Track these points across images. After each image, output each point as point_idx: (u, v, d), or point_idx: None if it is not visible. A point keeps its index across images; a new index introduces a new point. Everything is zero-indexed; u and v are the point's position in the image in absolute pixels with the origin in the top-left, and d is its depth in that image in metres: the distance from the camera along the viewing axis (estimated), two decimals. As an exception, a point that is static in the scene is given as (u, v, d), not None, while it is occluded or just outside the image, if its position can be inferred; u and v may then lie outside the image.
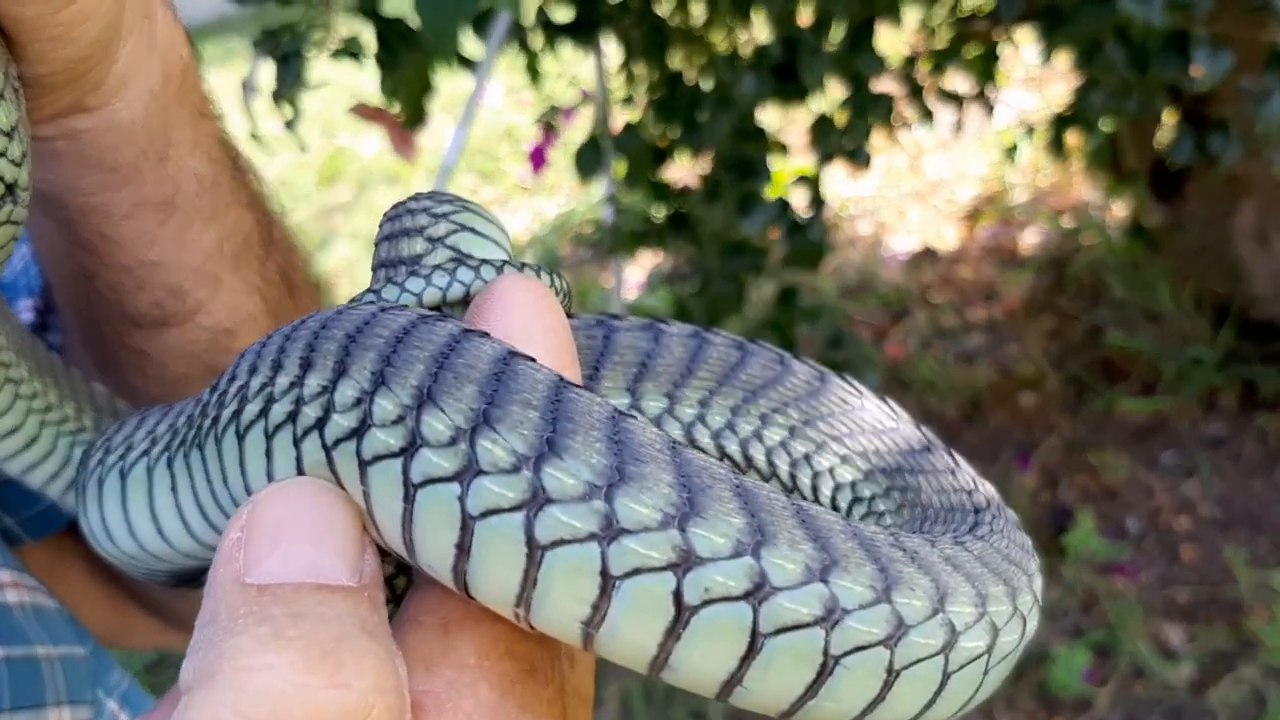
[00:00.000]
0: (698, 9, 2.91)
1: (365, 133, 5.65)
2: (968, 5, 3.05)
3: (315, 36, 1.96)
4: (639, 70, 3.00)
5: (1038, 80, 5.05)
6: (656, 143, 2.83)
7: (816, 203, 2.77)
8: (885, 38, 2.81)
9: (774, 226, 2.65)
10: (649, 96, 2.92)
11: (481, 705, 0.33)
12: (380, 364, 0.33)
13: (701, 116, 2.66)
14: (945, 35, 3.08)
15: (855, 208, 4.72)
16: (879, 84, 2.79)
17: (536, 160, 3.05)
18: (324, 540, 0.32)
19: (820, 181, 2.80)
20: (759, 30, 2.84)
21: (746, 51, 2.77)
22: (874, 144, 2.86)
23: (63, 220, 0.59)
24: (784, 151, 2.90)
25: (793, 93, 2.60)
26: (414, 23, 1.94)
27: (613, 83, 3.12)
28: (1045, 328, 3.78)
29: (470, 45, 2.42)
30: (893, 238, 4.52)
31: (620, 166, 2.91)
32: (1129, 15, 2.16)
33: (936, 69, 3.06)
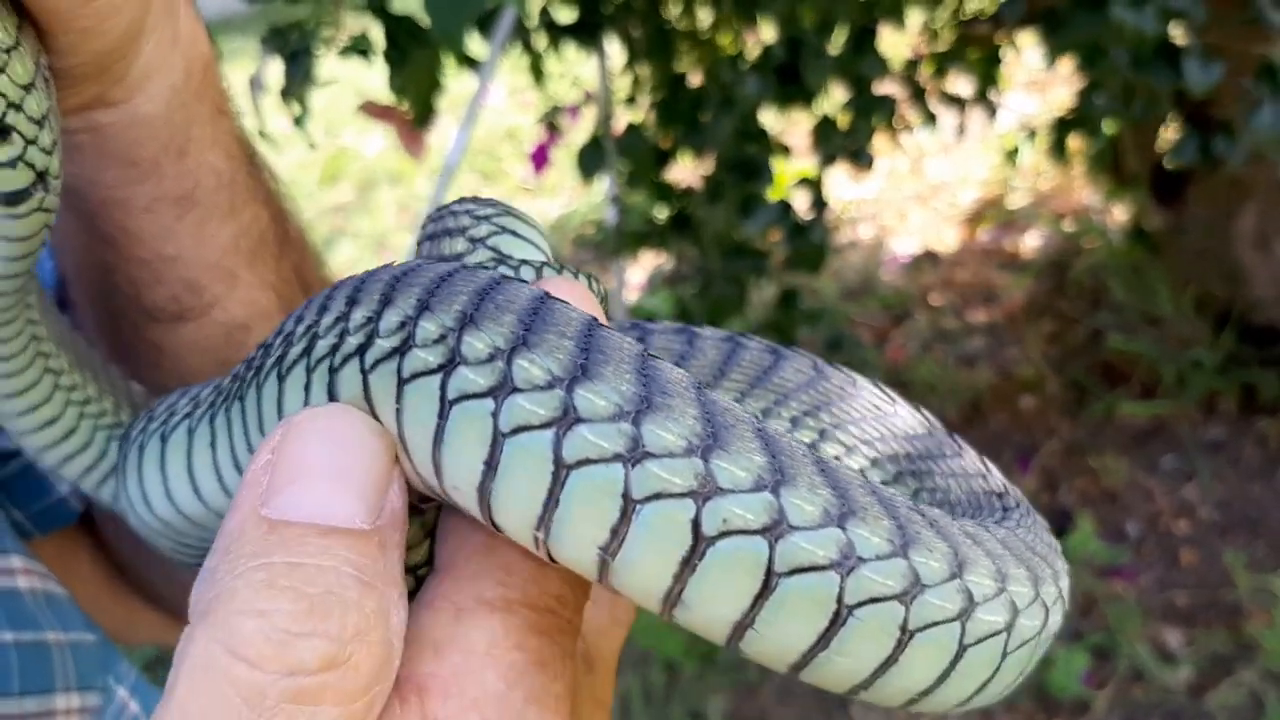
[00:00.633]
0: (702, 11, 2.92)
1: (368, 132, 5.66)
2: (970, 8, 3.05)
3: (324, 34, 1.97)
4: (642, 71, 3.01)
5: (1040, 83, 5.06)
6: (659, 144, 2.84)
7: (818, 205, 2.77)
8: (888, 40, 2.81)
9: (775, 228, 2.65)
10: (652, 97, 2.93)
11: (487, 693, 0.33)
12: (425, 295, 0.34)
13: (704, 118, 2.67)
14: (948, 38, 3.09)
15: (856, 210, 4.72)
16: (881, 86, 2.80)
17: (539, 160, 3.06)
18: (345, 477, 0.33)
19: (822, 183, 2.80)
20: (763, 32, 2.85)
21: (750, 53, 2.77)
22: (876, 147, 2.87)
23: (83, 213, 0.59)
24: (786, 153, 2.90)
25: (796, 95, 2.61)
26: (423, 20, 1.95)
27: (616, 83, 3.13)
28: (1045, 331, 3.79)
29: (474, 45, 2.42)
30: (894, 240, 4.53)
31: (624, 167, 2.92)
32: (1122, 22, 2.17)
33: (939, 72, 3.07)
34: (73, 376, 0.55)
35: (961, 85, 3.15)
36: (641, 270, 4.05)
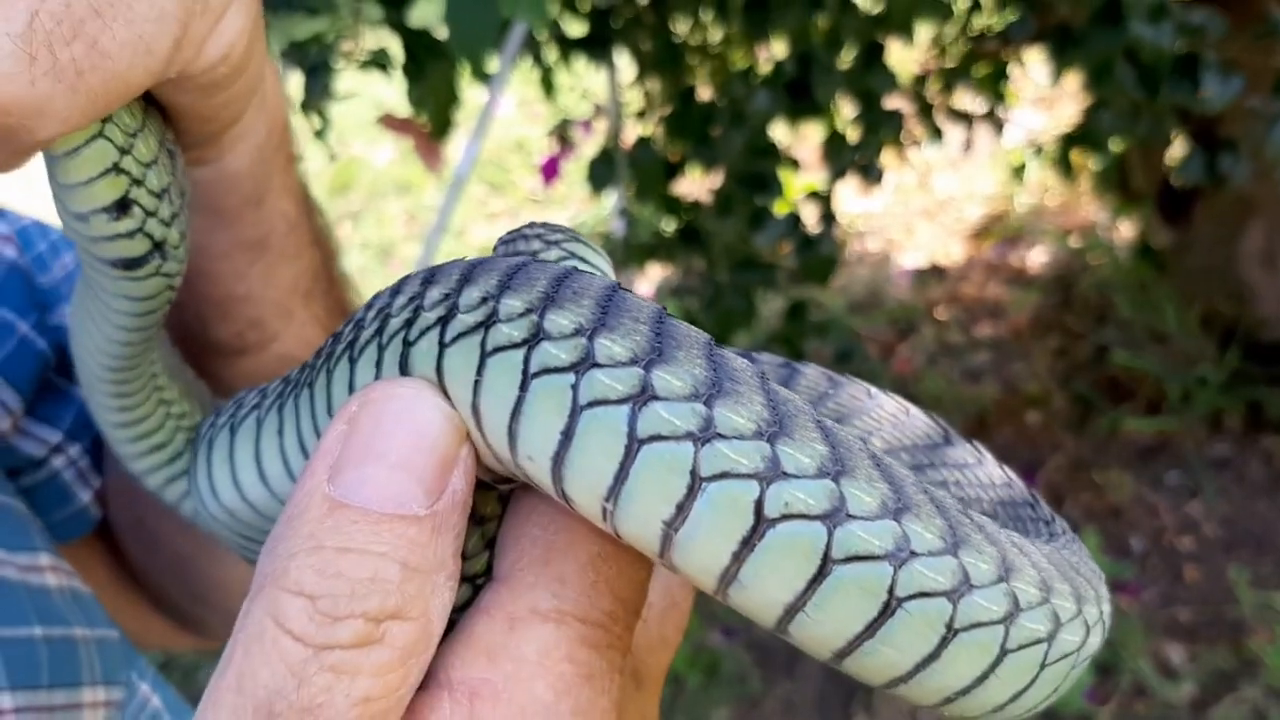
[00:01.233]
0: (712, 26, 2.94)
1: (377, 143, 5.68)
2: (978, 24, 3.07)
3: (343, 48, 1.99)
4: (652, 85, 3.02)
5: (1047, 100, 5.07)
6: (669, 157, 2.86)
7: (827, 218, 2.79)
8: (896, 55, 2.83)
9: (786, 240, 2.67)
10: (662, 111, 2.94)
11: (536, 701, 0.34)
12: (505, 277, 0.36)
13: (715, 132, 2.68)
14: (956, 54, 3.10)
15: (864, 224, 4.74)
16: (889, 101, 2.81)
17: (549, 172, 3.08)
18: (411, 459, 0.34)
19: (832, 197, 2.82)
20: (774, 48, 2.86)
21: (760, 68, 2.79)
22: (883, 161, 2.88)
23: None
24: (795, 167, 2.92)
25: (806, 109, 2.62)
26: (440, 34, 1.97)
27: (626, 97, 3.15)
28: (1051, 346, 3.80)
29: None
30: (901, 254, 4.54)
31: (633, 180, 2.93)
32: (1139, 38, 2.18)
33: (946, 87, 3.08)
34: (181, 405, 0.58)
35: (969, 101, 3.16)
36: (648, 282, 4.07)
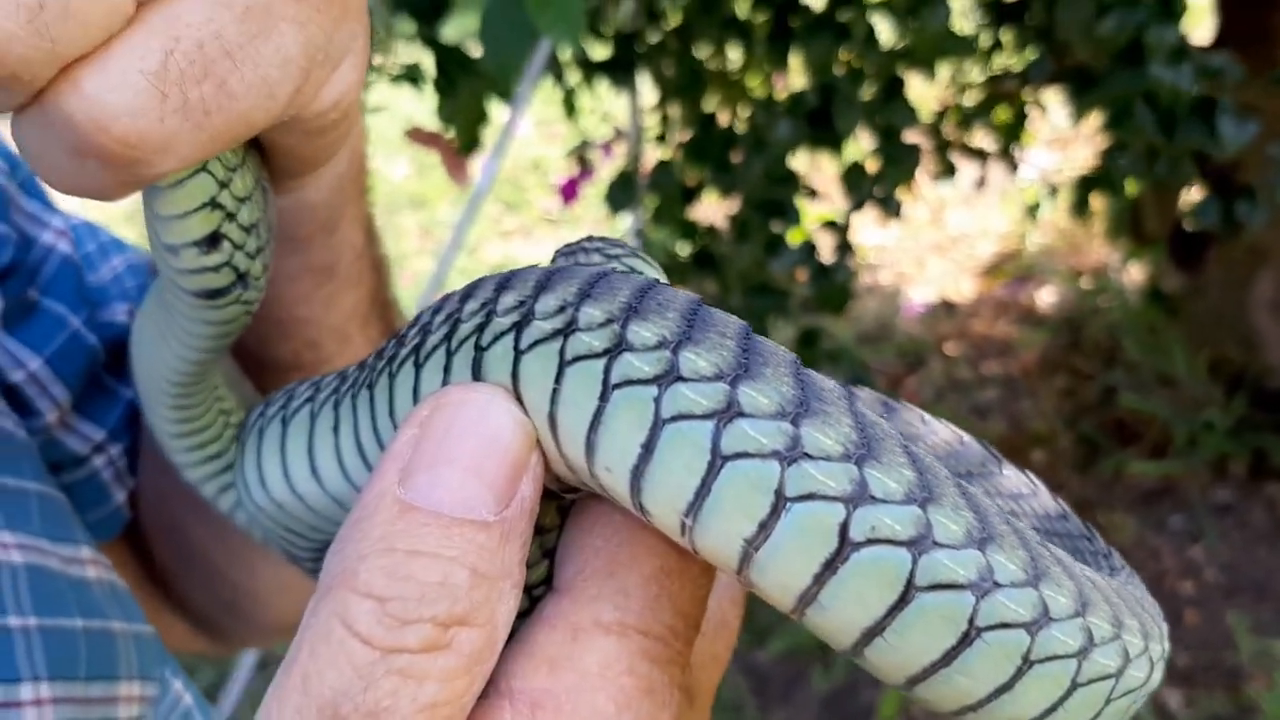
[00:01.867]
0: (734, 53, 2.96)
1: (394, 157, 5.71)
2: (998, 64, 3.09)
3: (375, 61, 2.01)
4: (672, 110, 3.04)
5: (1062, 140, 5.10)
6: (687, 182, 2.87)
7: (844, 247, 2.80)
8: (916, 90, 2.85)
9: (801, 268, 2.68)
10: (682, 136, 2.96)
11: (598, 714, 0.34)
12: (585, 286, 0.35)
13: (735, 158, 2.70)
14: (976, 94, 3.12)
15: (876, 257, 4.75)
16: (908, 136, 2.83)
17: (569, 193, 3.09)
18: (482, 465, 0.34)
19: (849, 227, 2.83)
20: (795, 77, 2.89)
21: (779, 96, 2.81)
22: (899, 194, 2.90)
23: None
24: (813, 196, 2.94)
25: (826, 139, 2.64)
26: (472, 51, 1.99)
27: (646, 121, 3.17)
28: (1059, 386, 3.80)
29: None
30: (911, 288, 4.56)
31: (650, 203, 2.95)
32: (1159, 80, 2.20)
33: (963, 124, 3.10)
34: (239, 415, 0.59)
35: (985, 139, 3.18)
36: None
